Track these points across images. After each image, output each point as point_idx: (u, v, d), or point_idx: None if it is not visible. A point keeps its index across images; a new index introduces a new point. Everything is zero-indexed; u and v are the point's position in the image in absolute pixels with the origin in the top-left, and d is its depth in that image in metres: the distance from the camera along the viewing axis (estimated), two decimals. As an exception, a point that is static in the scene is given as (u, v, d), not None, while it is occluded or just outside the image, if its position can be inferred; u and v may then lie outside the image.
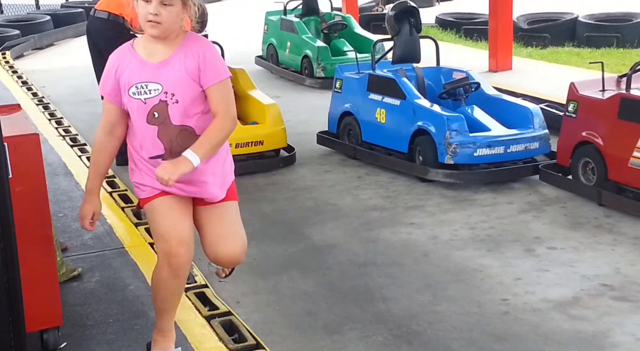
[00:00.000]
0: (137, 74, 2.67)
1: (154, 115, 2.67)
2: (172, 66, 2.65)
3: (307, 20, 9.70)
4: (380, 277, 4.07)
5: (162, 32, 2.63)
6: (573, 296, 3.77)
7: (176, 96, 2.66)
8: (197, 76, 2.64)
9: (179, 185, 2.73)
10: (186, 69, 2.64)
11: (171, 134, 2.68)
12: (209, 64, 2.64)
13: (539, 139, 5.54)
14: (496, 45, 8.97)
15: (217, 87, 2.66)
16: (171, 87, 2.65)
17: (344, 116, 6.27)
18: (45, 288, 3.00)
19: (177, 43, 2.67)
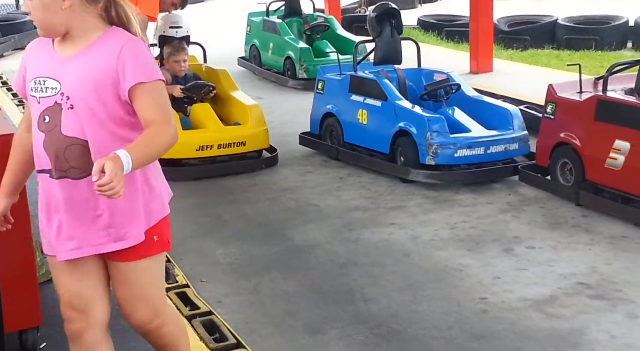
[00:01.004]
0: (41, 66, 2.25)
1: (44, 119, 2.20)
2: (78, 63, 2.18)
3: (290, 21, 9.73)
4: (361, 277, 4.11)
5: (44, 32, 2.22)
6: (550, 295, 3.83)
7: (72, 100, 2.16)
8: (111, 77, 2.15)
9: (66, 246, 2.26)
10: (94, 68, 2.16)
11: (58, 146, 2.19)
12: (131, 61, 2.15)
13: (518, 140, 5.60)
14: (477, 47, 9.04)
15: (143, 88, 2.15)
16: (69, 89, 2.17)
17: (326, 117, 6.31)
18: (24, 288, 3.01)
19: (91, 38, 2.20)
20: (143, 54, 2.20)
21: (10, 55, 12.13)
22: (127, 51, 2.16)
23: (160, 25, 6.47)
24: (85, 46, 2.19)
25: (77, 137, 2.17)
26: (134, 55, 2.16)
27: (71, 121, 2.16)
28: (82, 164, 2.19)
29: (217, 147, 5.80)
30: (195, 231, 4.78)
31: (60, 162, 2.20)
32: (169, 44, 6.26)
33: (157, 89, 2.18)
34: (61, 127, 2.17)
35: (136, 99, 2.16)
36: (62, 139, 2.18)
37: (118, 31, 2.22)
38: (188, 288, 3.79)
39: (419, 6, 16.86)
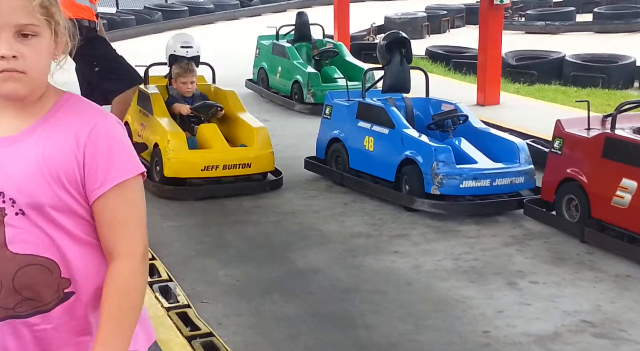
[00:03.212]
0: None
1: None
2: (22, 150, 1.48)
3: (299, 46, 9.78)
4: (363, 304, 4.07)
5: (28, 88, 1.47)
6: (554, 331, 3.79)
7: (21, 202, 1.47)
8: (71, 176, 1.48)
9: None
10: (47, 160, 1.47)
11: (4, 269, 1.49)
12: (102, 154, 1.48)
13: (524, 173, 5.59)
14: (484, 80, 9.08)
15: (114, 195, 1.49)
16: (14, 187, 1.47)
17: (333, 143, 6.31)
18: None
19: (42, 109, 1.51)
20: (120, 136, 1.52)
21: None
22: (99, 139, 1.48)
23: (170, 44, 6.51)
24: (32, 122, 1.49)
25: (37, 254, 1.48)
26: (109, 145, 1.48)
27: (22, 232, 1.47)
28: (45, 292, 1.50)
29: (222, 168, 5.79)
30: (198, 251, 4.75)
31: (7, 293, 1.48)
32: (178, 64, 6.28)
33: (132, 192, 1.51)
34: (7, 243, 1.47)
35: (101, 210, 1.50)
36: (9, 260, 1.47)
37: (76, 99, 1.54)
38: (189, 309, 3.76)
39: (427, 36, 16.96)
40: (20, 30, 1.42)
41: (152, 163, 5.93)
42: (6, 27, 1.41)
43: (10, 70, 1.42)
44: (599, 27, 16.35)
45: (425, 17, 17.01)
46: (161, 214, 5.36)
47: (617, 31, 15.76)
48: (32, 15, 1.43)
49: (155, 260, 4.33)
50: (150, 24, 16.73)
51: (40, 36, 1.45)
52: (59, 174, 1.47)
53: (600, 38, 15.21)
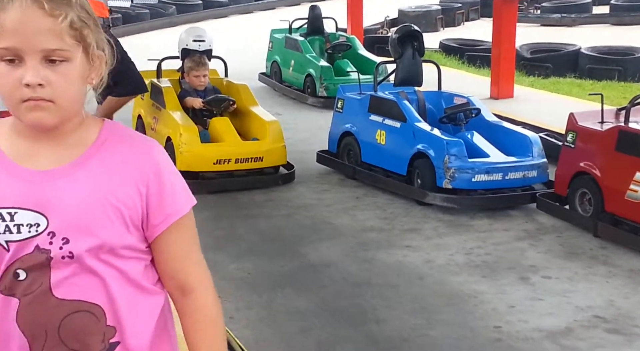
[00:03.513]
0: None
1: (16, 276, 1.32)
2: (77, 183, 1.32)
3: (312, 39, 9.77)
4: (374, 298, 4.07)
5: (56, 118, 1.30)
6: (566, 327, 3.77)
7: (73, 243, 1.31)
8: (132, 211, 1.34)
9: None
10: (107, 193, 1.32)
11: (47, 318, 1.33)
12: (166, 186, 1.36)
13: (537, 167, 5.56)
14: (498, 73, 9.02)
15: (177, 228, 1.39)
16: (66, 226, 1.30)
17: (345, 136, 6.30)
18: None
19: (87, 138, 1.35)
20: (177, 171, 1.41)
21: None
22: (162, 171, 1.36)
23: (183, 37, 6.51)
24: (85, 149, 1.34)
25: (84, 300, 1.33)
26: (171, 177, 1.37)
27: (70, 276, 1.32)
28: (91, 342, 1.35)
29: (234, 162, 5.80)
30: (209, 245, 4.76)
31: (50, 344, 1.33)
32: (190, 57, 6.29)
33: (191, 219, 1.42)
34: (52, 288, 1.31)
35: (166, 245, 1.39)
36: (55, 306, 1.32)
37: (119, 128, 1.39)
38: (200, 302, 3.76)
39: (441, 29, 16.88)
40: (48, 55, 1.26)
41: (165, 157, 5.93)
42: (31, 52, 1.25)
43: (36, 98, 1.27)
44: (616, 19, 16.21)
45: (439, 10, 16.94)
46: (173, 207, 5.37)
47: (633, 23, 15.61)
48: (61, 38, 1.26)
49: (167, 254, 4.34)
50: (164, 18, 16.76)
51: (70, 61, 1.28)
52: (121, 209, 1.33)
53: (617, 30, 15.08)
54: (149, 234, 1.37)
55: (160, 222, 1.36)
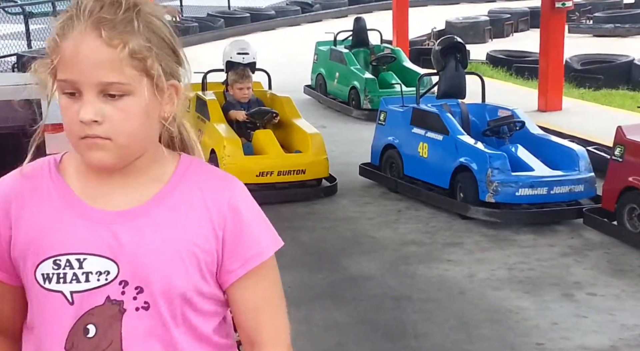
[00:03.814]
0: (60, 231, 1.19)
1: (86, 332, 1.17)
2: (151, 225, 1.19)
3: (357, 51, 9.77)
4: (415, 312, 4.03)
5: (116, 157, 1.16)
6: (611, 345, 3.67)
7: (151, 291, 1.17)
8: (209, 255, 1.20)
9: None
10: (183, 236, 1.19)
11: None
12: (245, 227, 1.22)
13: (584, 182, 5.45)
14: (546, 85, 8.89)
15: (256, 275, 1.23)
16: (139, 273, 1.17)
17: (387, 149, 6.27)
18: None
19: (162, 175, 1.22)
20: (261, 211, 1.27)
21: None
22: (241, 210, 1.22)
23: (227, 50, 6.58)
24: (159, 188, 1.21)
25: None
26: (252, 217, 1.23)
27: (145, 331, 1.18)
28: None
29: (277, 174, 5.82)
30: (250, 257, 4.78)
31: None
32: (234, 70, 6.35)
33: (274, 266, 1.27)
34: (122, 344, 1.18)
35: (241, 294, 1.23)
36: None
37: (199, 164, 1.25)
38: (238, 314, 3.78)
39: (489, 41, 16.73)
40: (105, 89, 1.13)
41: (209, 169, 5.99)
42: (88, 86, 1.12)
43: (92, 136, 1.14)
44: (671, 29, 15.85)
45: (487, 21, 16.78)
46: (216, 219, 5.42)
47: (688, 34, 15.25)
48: (120, 71, 1.12)
49: (208, 265, 4.37)
50: (212, 31, 16.97)
51: (132, 95, 1.14)
52: (197, 254, 1.18)
53: (671, 41, 14.75)
54: (222, 281, 1.21)
55: (236, 268, 1.21)
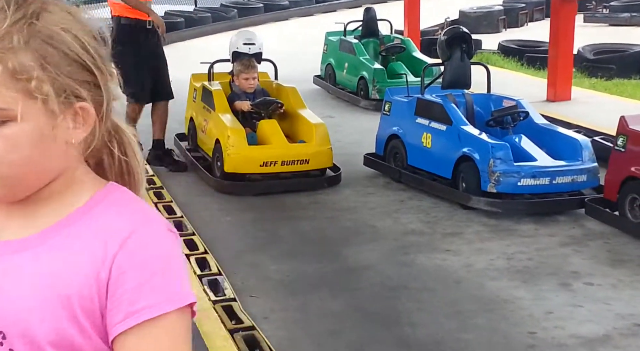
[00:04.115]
0: None
1: None
2: (24, 263, 1.02)
3: (367, 42, 9.77)
4: (410, 301, 4.06)
5: (5, 191, 1.02)
6: (604, 334, 3.69)
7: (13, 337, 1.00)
8: (87, 301, 1.00)
9: None
10: (57, 278, 1.00)
11: None
12: (135, 271, 1.00)
13: (587, 172, 5.44)
14: (555, 75, 8.85)
15: (144, 335, 0.99)
16: (6, 315, 1.01)
17: (391, 139, 6.29)
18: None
19: (65, 207, 1.05)
20: (168, 257, 1.02)
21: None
22: (135, 251, 1.00)
23: (233, 41, 6.62)
24: (55, 221, 1.04)
25: None
26: (146, 261, 1.00)
27: None
28: None
29: (280, 164, 5.86)
30: (251, 246, 4.84)
31: None
32: (240, 60, 6.39)
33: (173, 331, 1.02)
34: None
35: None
36: None
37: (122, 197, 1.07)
38: (235, 302, 3.84)
39: (503, 31, 16.63)
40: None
41: (214, 159, 6.05)
42: None
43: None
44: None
45: (502, 10, 16.68)
46: (219, 209, 5.48)
47: None
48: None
49: (207, 254, 4.43)
50: (226, 21, 17.00)
51: (18, 120, 0.97)
52: (71, 299, 0.99)
53: (687, 30, 14.60)
54: (109, 332, 1.00)
55: (120, 320, 0.99)
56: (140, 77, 6.19)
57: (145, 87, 6.27)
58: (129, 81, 6.27)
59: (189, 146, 6.82)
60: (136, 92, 6.19)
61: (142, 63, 6.20)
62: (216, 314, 3.67)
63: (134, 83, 6.12)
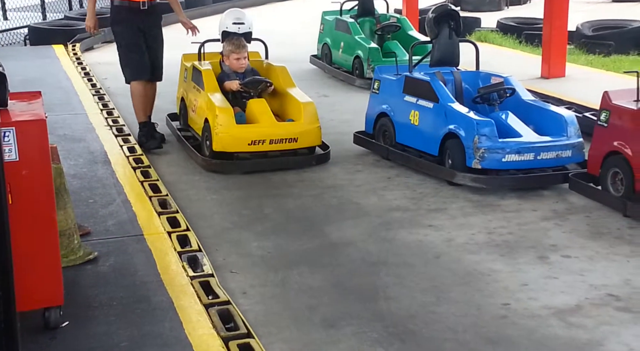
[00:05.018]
0: None
1: None
2: None
3: (363, 21, 9.77)
4: (388, 276, 4.12)
5: None
6: (576, 304, 3.74)
7: None
8: None
9: None
10: None
11: None
12: None
13: (571, 147, 5.46)
14: (549, 52, 8.83)
15: None
16: None
17: (380, 117, 6.32)
18: (46, 268, 3.18)
19: None
20: None
21: (99, 48, 12.64)
22: None
23: (223, 20, 6.64)
24: None
25: None
26: None
27: None
28: None
29: (269, 143, 5.90)
30: (235, 223, 4.89)
31: None
32: (230, 40, 6.42)
33: None
34: None
35: None
36: None
37: None
38: (212, 278, 3.90)
39: (505, 8, 16.56)
40: None
41: (203, 138, 6.11)
42: None
43: None
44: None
45: (503, -12, 16.57)
46: (206, 187, 5.53)
47: None
48: None
49: (189, 231, 4.50)
50: (226, 2, 16.97)
51: None
52: None
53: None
54: None
55: None
56: (135, 55, 6.25)
57: (142, 63, 6.30)
58: (125, 60, 6.36)
59: (180, 125, 6.88)
60: (132, 69, 6.25)
61: (139, 42, 6.26)
62: (193, 289, 3.74)
63: (129, 61, 6.20)
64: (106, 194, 5.12)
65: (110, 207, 4.88)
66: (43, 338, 3.28)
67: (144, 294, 3.66)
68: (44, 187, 3.09)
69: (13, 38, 13.42)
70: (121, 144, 6.32)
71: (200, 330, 3.36)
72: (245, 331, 3.36)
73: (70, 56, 10.84)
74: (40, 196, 3.08)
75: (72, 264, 3.90)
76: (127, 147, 6.20)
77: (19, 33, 13.44)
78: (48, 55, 10.86)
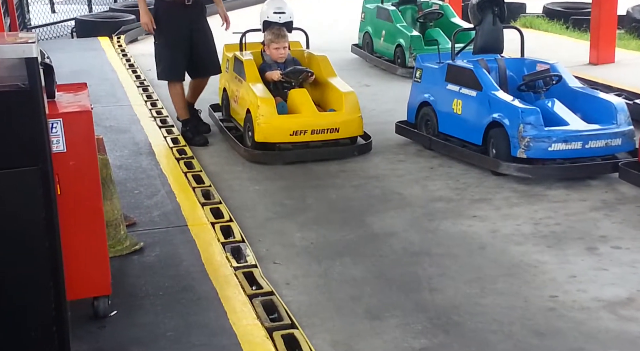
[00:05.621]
0: None
1: None
2: None
3: (404, 8, 9.66)
4: (432, 267, 4.07)
5: None
6: (627, 297, 3.65)
7: None
8: None
9: None
10: None
11: None
12: None
13: (621, 135, 5.33)
14: (598, 37, 8.63)
15: None
16: None
17: (423, 106, 6.25)
18: (94, 258, 3.21)
19: None
20: None
21: (143, 40, 12.75)
22: None
23: (264, 10, 6.61)
24: None
25: None
26: None
27: None
28: None
29: (310, 133, 5.88)
30: (278, 214, 4.89)
31: None
32: (270, 30, 6.40)
33: None
34: None
35: None
36: None
37: None
38: (256, 268, 3.90)
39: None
40: None
41: (245, 128, 6.11)
42: None
43: None
44: None
45: (549, -28, 16.22)
46: (249, 178, 5.54)
47: None
48: None
49: (232, 222, 4.50)
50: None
51: None
52: None
53: None
54: None
55: None
56: (171, 54, 6.27)
57: (176, 63, 6.32)
58: (159, 58, 6.39)
59: (223, 116, 6.89)
60: (165, 69, 6.29)
61: (178, 40, 6.26)
62: (236, 280, 3.74)
63: (163, 59, 6.24)
64: (151, 185, 5.16)
65: (155, 198, 4.92)
66: (92, 326, 3.32)
67: (189, 284, 3.68)
68: (91, 178, 3.11)
69: (60, 31, 13.63)
70: (165, 135, 6.37)
71: (245, 320, 3.36)
72: (289, 322, 3.35)
73: (115, 48, 10.95)
74: (87, 186, 3.10)
75: (118, 255, 3.95)
76: (170, 138, 6.25)
77: (66, 26, 13.64)
78: (94, 48, 10.99)
